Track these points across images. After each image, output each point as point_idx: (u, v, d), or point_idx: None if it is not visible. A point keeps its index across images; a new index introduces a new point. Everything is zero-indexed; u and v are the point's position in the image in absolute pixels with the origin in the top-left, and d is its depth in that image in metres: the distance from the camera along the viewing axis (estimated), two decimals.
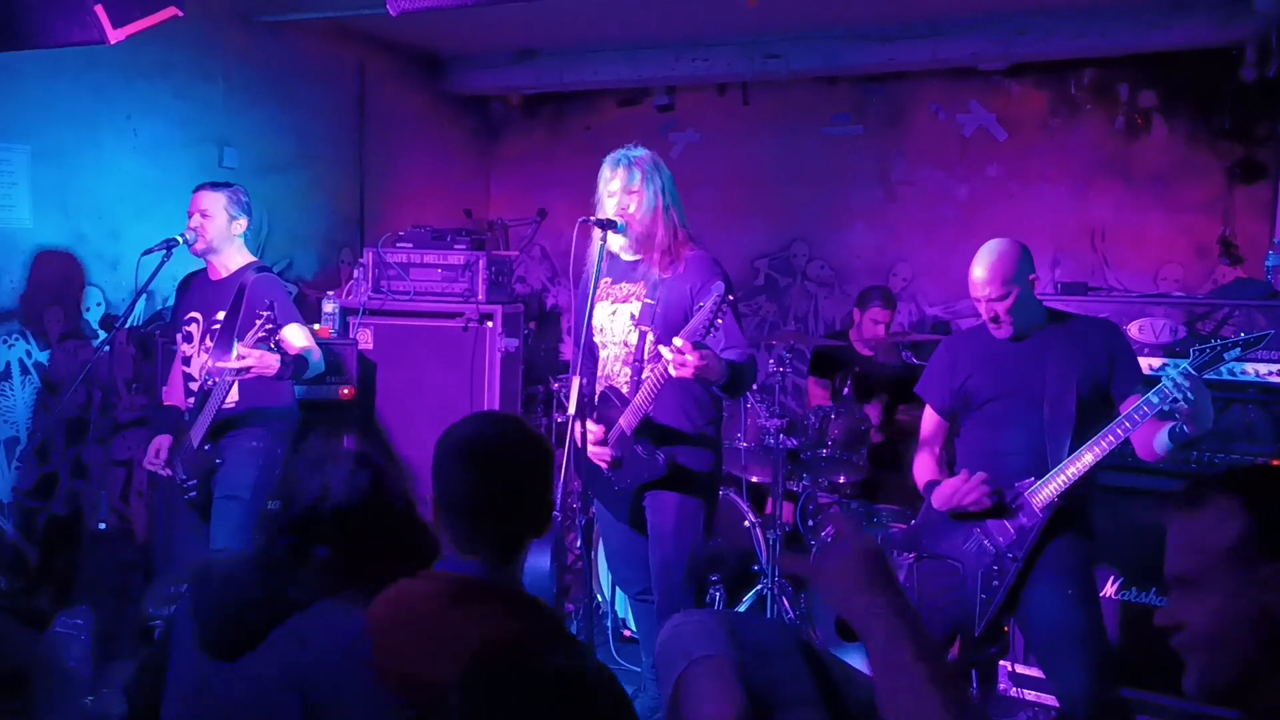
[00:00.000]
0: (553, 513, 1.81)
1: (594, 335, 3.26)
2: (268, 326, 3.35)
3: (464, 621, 1.57)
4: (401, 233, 5.09)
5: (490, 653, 1.52)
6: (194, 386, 3.69)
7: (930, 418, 3.20)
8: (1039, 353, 2.94)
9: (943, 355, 3.17)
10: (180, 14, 3.16)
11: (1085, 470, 2.78)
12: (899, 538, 3.77)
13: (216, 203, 3.72)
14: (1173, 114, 5.25)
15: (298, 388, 3.93)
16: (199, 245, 3.73)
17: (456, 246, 4.90)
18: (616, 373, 3.22)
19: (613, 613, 4.39)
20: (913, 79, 5.68)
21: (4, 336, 4.20)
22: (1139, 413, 2.72)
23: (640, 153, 3.16)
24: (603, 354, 3.28)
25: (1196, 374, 2.62)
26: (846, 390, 4.69)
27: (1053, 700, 3.64)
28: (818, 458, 4.43)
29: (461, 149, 6.69)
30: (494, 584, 1.66)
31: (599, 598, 4.42)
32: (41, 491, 4.35)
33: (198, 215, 3.72)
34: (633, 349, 3.15)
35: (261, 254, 4.72)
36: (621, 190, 3.11)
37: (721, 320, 2.81)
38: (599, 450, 3.13)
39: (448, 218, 6.03)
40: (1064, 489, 2.81)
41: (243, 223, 3.80)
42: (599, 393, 3.24)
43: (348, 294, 5.11)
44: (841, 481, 4.50)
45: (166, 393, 3.97)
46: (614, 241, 3.17)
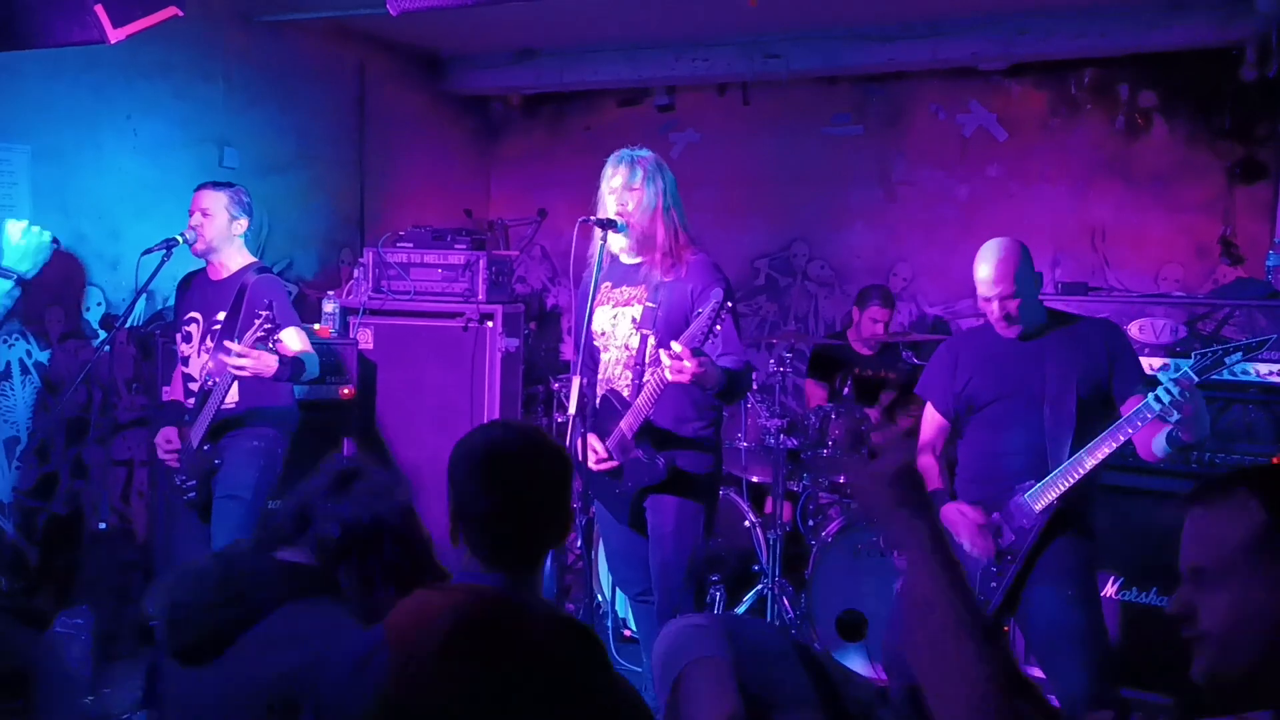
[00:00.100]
0: (572, 523, 1.78)
1: (595, 339, 3.26)
2: (266, 326, 3.34)
3: (487, 637, 1.54)
4: (401, 233, 5.09)
5: (510, 671, 1.50)
6: (193, 387, 3.69)
7: (931, 419, 3.19)
8: (1039, 353, 2.94)
9: (943, 356, 3.17)
10: (180, 14, 3.16)
11: (1085, 474, 2.78)
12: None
13: (218, 202, 3.72)
14: (1173, 114, 5.25)
15: (297, 388, 3.92)
16: (199, 245, 3.73)
17: (457, 246, 4.90)
18: (617, 376, 3.21)
19: (613, 613, 4.39)
20: (913, 79, 5.68)
21: (4, 336, 4.20)
22: (1139, 417, 2.71)
23: (645, 153, 3.17)
24: (604, 357, 3.28)
25: (1192, 380, 2.61)
26: (846, 390, 4.69)
27: (1053, 700, 3.64)
28: (818, 458, 4.43)
29: (461, 149, 6.69)
30: (518, 599, 1.62)
31: (599, 598, 4.42)
32: (41, 491, 4.35)
33: (198, 214, 3.72)
34: (634, 352, 3.15)
35: (261, 254, 4.72)
36: (622, 187, 3.11)
37: (720, 327, 2.82)
38: (602, 466, 3.15)
39: (448, 218, 6.03)
40: (1064, 492, 2.81)
41: (243, 223, 3.79)
42: (600, 396, 3.24)
43: (348, 294, 5.11)
44: (842, 481, 4.49)
45: (168, 393, 3.97)
46: (614, 243, 3.16)
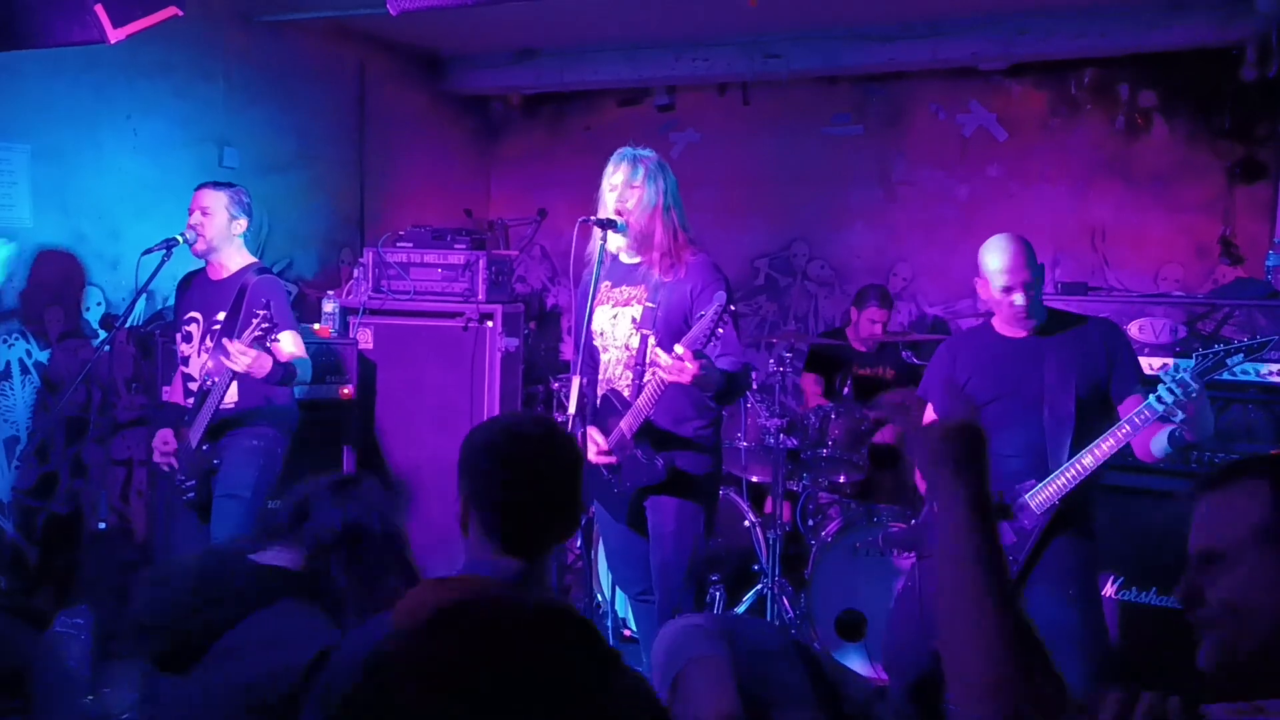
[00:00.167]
0: (582, 513, 1.79)
1: (595, 339, 3.26)
2: (264, 326, 3.34)
3: (500, 629, 1.55)
4: (401, 232, 5.09)
5: (523, 663, 1.49)
6: (193, 387, 3.69)
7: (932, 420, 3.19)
8: (1038, 353, 2.93)
9: (943, 357, 3.16)
10: (180, 13, 3.16)
11: (1085, 475, 2.78)
12: (900, 537, 3.77)
13: (218, 201, 3.73)
14: (1173, 114, 5.25)
15: (298, 387, 3.93)
16: (199, 245, 3.73)
17: (456, 246, 4.90)
18: (618, 376, 3.21)
19: (613, 612, 4.39)
20: (913, 79, 5.68)
21: (4, 336, 4.20)
22: (1140, 417, 2.71)
23: (647, 153, 3.17)
24: (604, 357, 3.28)
25: (1197, 381, 2.61)
26: (846, 390, 4.69)
27: None
28: (818, 457, 4.43)
29: (461, 149, 6.68)
30: (528, 589, 1.62)
31: (599, 597, 4.42)
32: (41, 491, 4.35)
33: (198, 213, 3.72)
34: (634, 353, 3.15)
35: (261, 254, 4.72)
36: (623, 185, 3.11)
37: (722, 330, 2.83)
38: (602, 459, 3.15)
39: (448, 217, 6.03)
40: (1064, 492, 2.81)
41: (243, 223, 3.79)
42: (600, 396, 3.24)
43: (348, 294, 5.11)
44: (841, 481, 4.49)
45: (168, 393, 3.97)
46: (614, 243, 3.16)
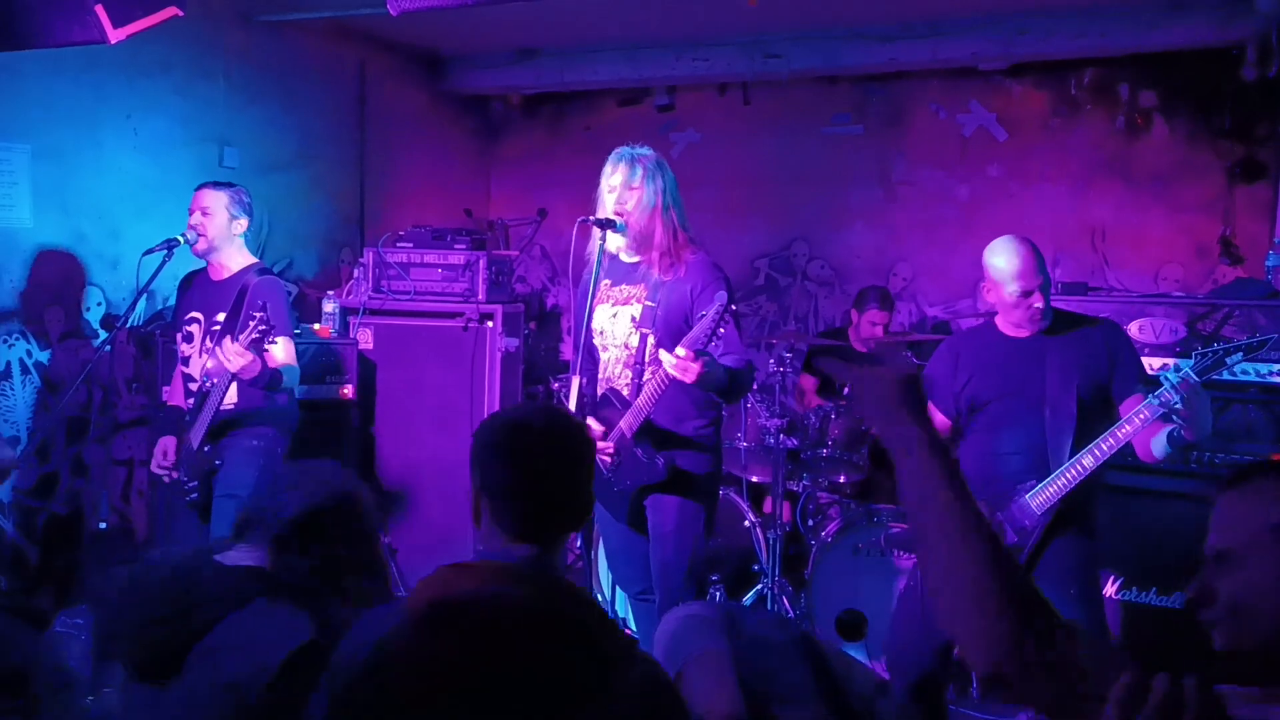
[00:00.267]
0: (593, 502, 1.80)
1: (594, 338, 3.26)
2: (261, 328, 3.34)
3: (515, 614, 1.55)
4: (401, 232, 5.09)
5: (540, 648, 1.49)
6: (193, 387, 3.69)
7: (933, 420, 3.19)
8: (1040, 353, 2.94)
9: (944, 357, 3.16)
10: (180, 13, 3.16)
11: (1086, 474, 2.78)
12: (901, 537, 3.77)
13: (218, 201, 3.72)
14: (1173, 114, 5.26)
15: (298, 387, 3.93)
16: (199, 245, 3.73)
17: (456, 246, 4.90)
18: (617, 375, 3.21)
19: (613, 612, 4.39)
20: (913, 79, 5.68)
21: (4, 336, 4.20)
22: (1139, 417, 2.71)
23: (645, 151, 3.16)
24: (603, 356, 3.27)
25: (1196, 380, 2.61)
26: (847, 390, 4.69)
27: None
28: (818, 458, 4.43)
29: (461, 149, 6.68)
30: (542, 575, 1.62)
31: (599, 597, 4.42)
32: (42, 491, 4.35)
33: (198, 213, 3.72)
34: (633, 351, 3.15)
35: (262, 254, 4.71)
36: (622, 186, 3.11)
37: (724, 329, 2.83)
38: (599, 446, 3.13)
39: (448, 217, 6.03)
40: (1064, 492, 2.81)
41: (243, 223, 3.79)
42: (600, 395, 3.24)
43: (348, 294, 5.11)
44: (841, 481, 4.49)
45: (168, 393, 3.97)
46: (613, 242, 3.16)
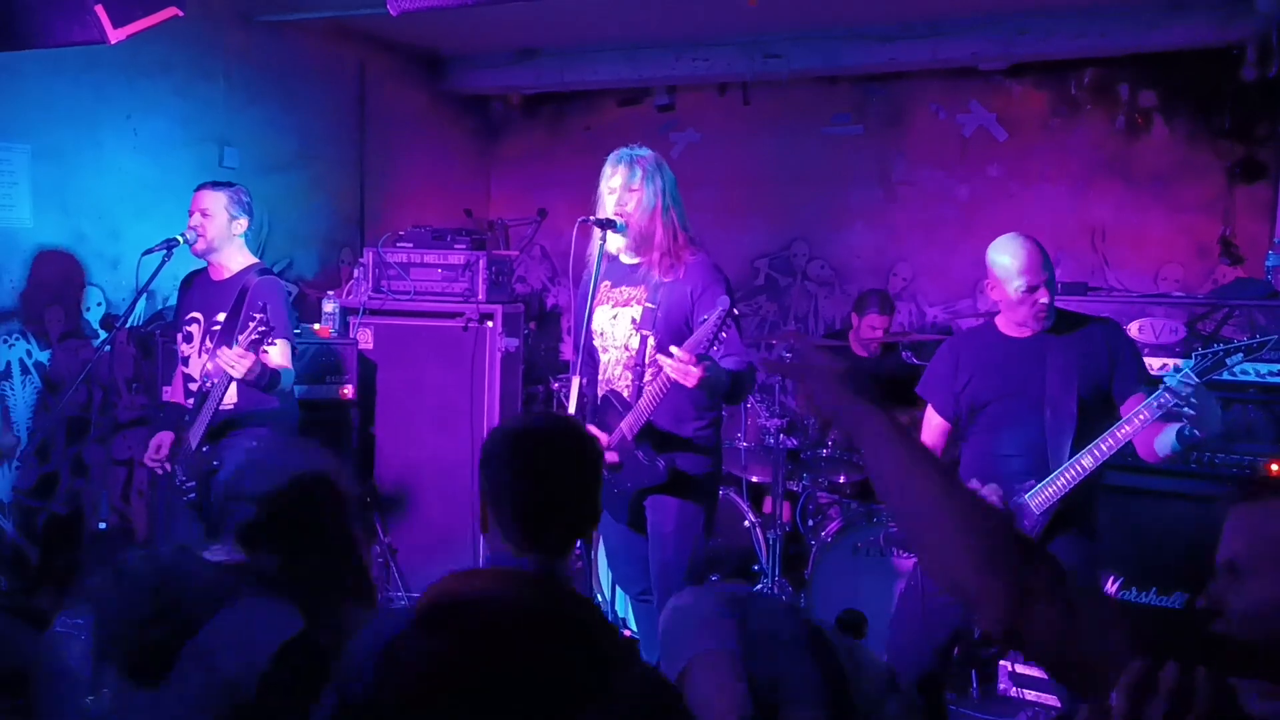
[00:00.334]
0: (600, 514, 1.79)
1: (594, 339, 3.26)
2: (261, 330, 3.34)
3: (523, 621, 1.54)
4: (401, 232, 5.08)
5: (545, 654, 1.48)
6: (193, 387, 3.69)
7: (933, 421, 3.18)
8: (1040, 353, 2.94)
9: (945, 356, 3.16)
10: (180, 13, 3.15)
11: (1085, 474, 2.78)
12: (900, 536, 3.77)
13: (217, 202, 3.72)
14: (1173, 114, 5.25)
15: (298, 387, 3.93)
16: (199, 245, 3.73)
17: (456, 246, 4.89)
18: (617, 377, 3.21)
19: (613, 612, 4.38)
20: (913, 79, 5.68)
21: (4, 336, 4.20)
22: (1139, 417, 2.71)
23: (644, 152, 3.17)
24: (603, 358, 3.27)
25: (1196, 380, 2.61)
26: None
27: (1053, 700, 3.63)
28: (818, 458, 4.43)
29: (461, 149, 6.68)
30: (549, 583, 1.63)
31: (599, 597, 4.42)
32: (42, 491, 4.35)
33: (198, 214, 3.72)
34: (634, 353, 3.15)
35: (262, 254, 4.71)
36: (622, 187, 3.11)
37: (726, 334, 2.83)
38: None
39: (448, 217, 6.03)
40: (1064, 492, 2.81)
41: (243, 223, 3.79)
42: (600, 396, 3.24)
43: (348, 294, 5.11)
44: (841, 481, 4.49)
45: (168, 393, 3.97)
46: (613, 243, 3.16)
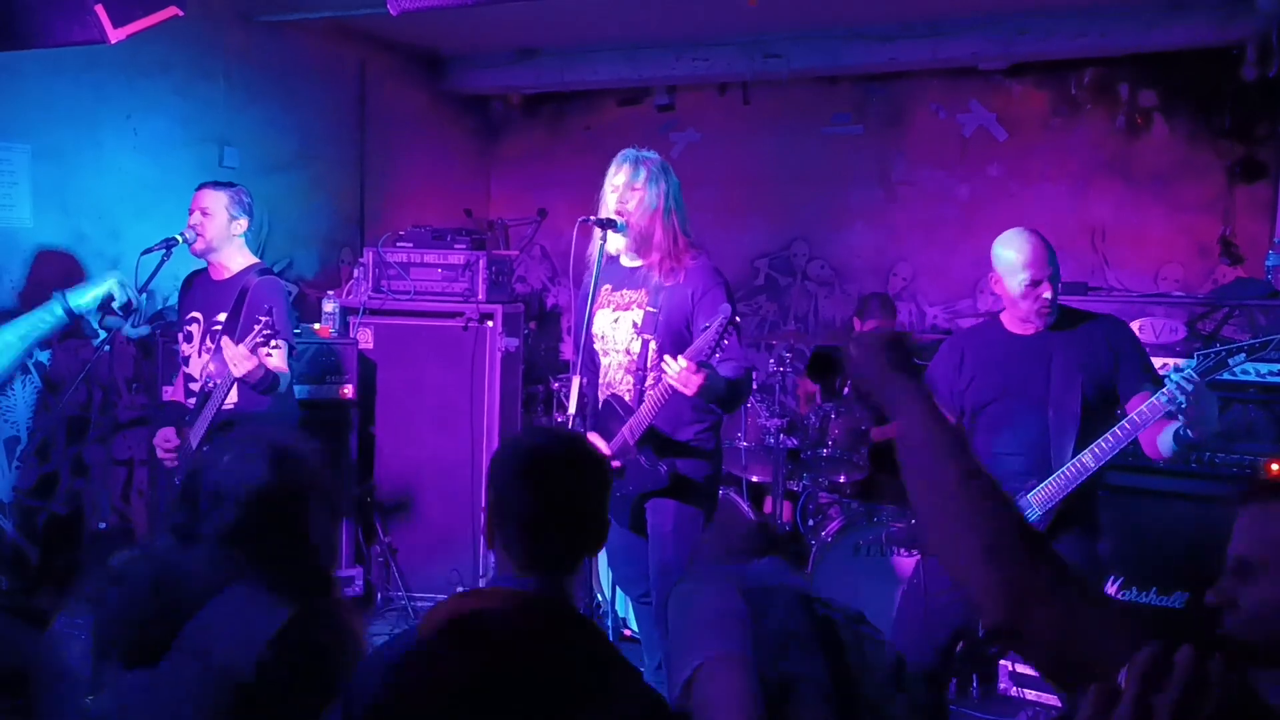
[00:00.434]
0: (608, 530, 1.79)
1: (595, 343, 3.26)
2: (265, 332, 3.34)
3: (527, 641, 1.55)
4: (401, 232, 5.09)
5: (546, 674, 1.49)
6: (194, 387, 3.69)
7: None
8: (1044, 352, 2.94)
9: (947, 354, 3.16)
10: (181, 13, 3.15)
11: (1087, 473, 2.78)
12: (902, 536, 3.77)
13: (218, 201, 3.72)
14: (1173, 113, 5.25)
15: (298, 387, 3.93)
16: (199, 245, 3.72)
17: (456, 246, 4.90)
18: (619, 381, 3.21)
19: (613, 612, 4.39)
20: (913, 79, 5.68)
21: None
22: (1140, 416, 2.71)
23: (651, 155, 3.18)
24: (604, 361, 3.27)
25: (1199, 379, 2.61)
26: (846, 390, 4.69)
27: (1054, 700, 3.63)
28: (818, 457, 4.43)
29: (461, 148, 6.68)
30: (554, 603, 1.63)
31: (599, 598, 4.42)
32: (42, 491, 4.34)
33: (198, 214, 3.71)
34: (635, 357, 3.15)
35: (262, 253, 4.71)
36: (625, 186, 3.11)
37: (727, 341, 2.84)
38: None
39: (448, 217, 6.03)
40: (1065, 491, 2.81)
41: (243, 223, 3.78)
42: (602, 401, 3.24)
43: (348, 293, 5.11)
44: (841, 481, 4.49)
45: (169, 393, 3.96)
46: (614, 244, 3.16)
